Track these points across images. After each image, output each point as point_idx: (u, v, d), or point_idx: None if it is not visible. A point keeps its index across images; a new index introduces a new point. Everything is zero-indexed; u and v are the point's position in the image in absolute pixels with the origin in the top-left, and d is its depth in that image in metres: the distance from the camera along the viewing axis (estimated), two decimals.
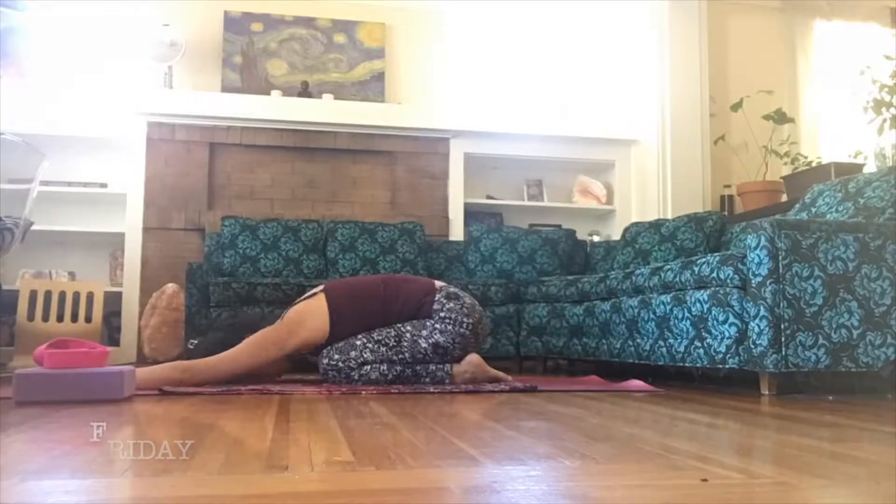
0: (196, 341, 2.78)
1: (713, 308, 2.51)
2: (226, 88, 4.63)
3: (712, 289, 2.54)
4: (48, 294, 3.95)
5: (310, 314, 2.68)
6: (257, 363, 2.57)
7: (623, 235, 4.05)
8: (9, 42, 4.38)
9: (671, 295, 2.75)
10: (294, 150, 4.61)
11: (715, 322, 2.50)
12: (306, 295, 2.82)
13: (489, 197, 4.95)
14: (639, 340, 2.93)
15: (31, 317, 3.89)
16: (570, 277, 3.61)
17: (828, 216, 2.74)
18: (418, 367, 2.65)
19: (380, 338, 2.65)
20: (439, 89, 4.97)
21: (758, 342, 2.34)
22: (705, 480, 1.00)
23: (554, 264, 4.26)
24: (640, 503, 0.91)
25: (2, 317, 4.00)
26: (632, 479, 1.02)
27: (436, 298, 2.72)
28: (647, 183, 4.91)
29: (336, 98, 4.67)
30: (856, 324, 2.36)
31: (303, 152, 4.63)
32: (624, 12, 5.11)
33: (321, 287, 2.80)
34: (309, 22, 4.84)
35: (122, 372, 2.08)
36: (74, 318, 3.96)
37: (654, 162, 4.84)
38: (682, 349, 2.67)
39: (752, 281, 2.38)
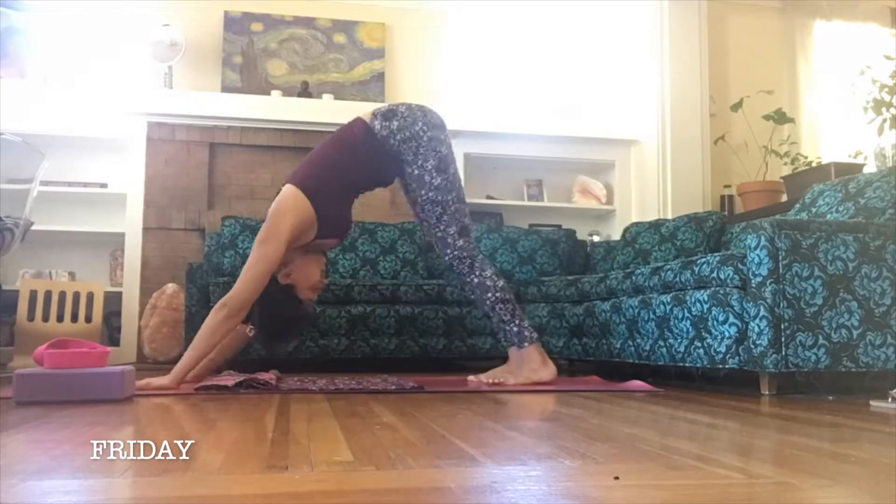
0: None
1: (713, 308, 2.51)
2: (226, 88, 4.63)
3: (712, 289, 2.54)
4: (48, 294, 3.95)
5: (283, 199, 2.61)
6: (265, 276, 2.51)
7: (623, 235, 4.05)
8: (9, 42, 4.38)
9: (671, 295, 2.75)
10: (294, 150, 4.60)
11: (715, 322, 2.50)
12: None
13: (489, 197, 4.95)
14: (639, 340, 2.93)
15: (31, 317, 3.89)
16: (570, 277, 3.61)
17: (828, 216, 2.74)
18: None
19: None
20: (439, 89, 4.97)
21: (758, 342, 2.34)
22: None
23: (554, 264, 4.26)
24: (640, 503, 0.91)
25: (2, 317, 4.00)
26: (632, 479, 1.01)
27: (372, 125, 2.70)
28: (647, 183, 4.91)
29: (336, 98, 4.67)
30: (856, 324, 2.36)
31: (303, 152, 4.57)
32: (624, 12, 5.11)
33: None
34: (309, 22, 4.84)
35: (122, 372, 2.08)
36: (74, 318, 3.95)
37: (654, 162, 4.84)
38: (682, 349, 2.67)
39: (752, 281, 2.38)
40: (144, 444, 1.10)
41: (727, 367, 2.46)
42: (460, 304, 3.74)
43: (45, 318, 3.91)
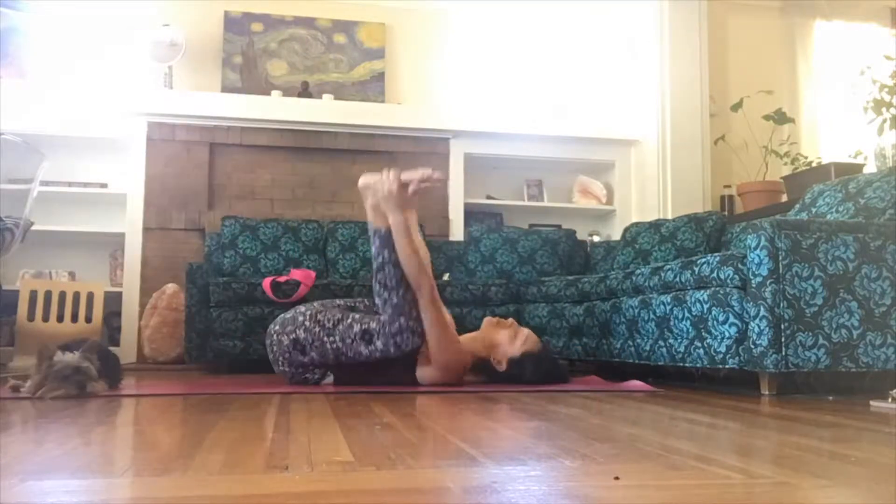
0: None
1: (713, 308, 2.51)
2: (226, 88, 4.63)
3: (712, 289, 2.54)
4: (48, 294, 3.95)
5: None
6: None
7: (623, 235, 4.05)
8: (9, 42, 4.38)
9: (671, 295, 2.75)
10: (294, 150, 4.61)
11: (715, 322, 2.50)
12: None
13: (489, 197, 4.95)
14: (639, 340, 2.93)
15: (31, 317, 3.89)
16: (570, 277, 3.61)
17: (828, 216, 2.74)
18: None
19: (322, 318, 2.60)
20: (439, 89, 4.97)
21: (758, 342, 2.34)
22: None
23: (554, 264, 4.26)
24: (640, 503, 0.91)
25: (2, 317, 4.00)
26: (632, 479, 1.02)
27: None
28: (647, 183, 4.91)
29: (336, 98, 4.67)
30: (856, 324, 2.36)
31: (303, 152, 4.63)
32: (624, 12, 5.11)
33: None
34: (309, 22, 4.84)
35: None
36: (74, 319, 3.95)
37: (654, 162, 4.84)
38: (682, 349, 2.67)
39: (752, 281, 2.38)
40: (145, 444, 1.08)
41: (727, 367, 2.46)
42: (460, 304, 3.74)
43: (46, 319, 3.91)
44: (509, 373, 2.64)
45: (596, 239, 4.85)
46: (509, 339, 2.69)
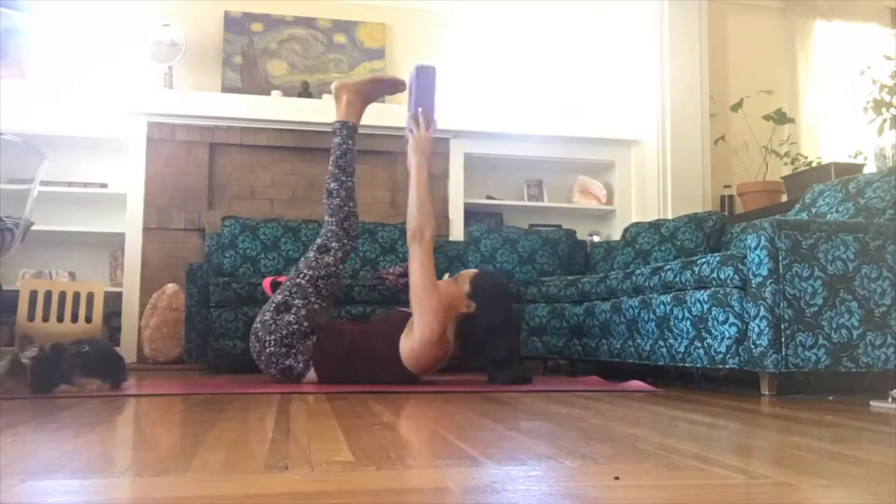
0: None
1: (713, 308, 2.51)
2: (226, 88, 4.63)
3: (712, 289, 2.54)
4: (48, 294, 3.95)
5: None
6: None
7: (623, 235, 4.05)
8: (9, 42, 4.38)
9: (671, 295, 2.75)
10: (294, 150, 4.61)
11: (715, 322, 2.50)
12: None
13: (489, 197, 4.95)
14: (639, 341, 2.93)
15: (31, 317, 3.89)
16: (570, 277, 3.61)
17: (828, 216, 2.74)
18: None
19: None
20: (439, 89, 4.96)
21: (758, 342, 2.34)
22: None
23: (554, 264, 4.26)
24: (639, 503, 0.91)
25: (2, 317, 4.00)
26: (632, 479, 1.01)
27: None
28: (647, 183, 4.91)
29: None
30: (856, 324, 2.36)
31: (303, 152, 4.63)
32: (624, 13, 5.11)
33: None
34: (309, 22, 4.84)
35: None
36: (74, 319, 3.95)
37: (654, 162, 4.84)
38: (682, 349, 2.67)
39: (752, 281, 2.38)
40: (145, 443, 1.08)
41: (727, 367, 2.46)
42: None
43: (45, 319, 3.91)
44: (479, 304, 2.72)
45: (596, 239, 4.85)
46: (456, 283, 2.79)
